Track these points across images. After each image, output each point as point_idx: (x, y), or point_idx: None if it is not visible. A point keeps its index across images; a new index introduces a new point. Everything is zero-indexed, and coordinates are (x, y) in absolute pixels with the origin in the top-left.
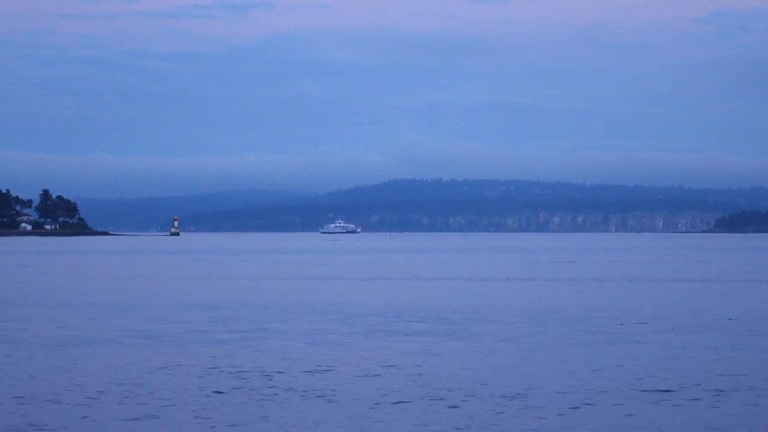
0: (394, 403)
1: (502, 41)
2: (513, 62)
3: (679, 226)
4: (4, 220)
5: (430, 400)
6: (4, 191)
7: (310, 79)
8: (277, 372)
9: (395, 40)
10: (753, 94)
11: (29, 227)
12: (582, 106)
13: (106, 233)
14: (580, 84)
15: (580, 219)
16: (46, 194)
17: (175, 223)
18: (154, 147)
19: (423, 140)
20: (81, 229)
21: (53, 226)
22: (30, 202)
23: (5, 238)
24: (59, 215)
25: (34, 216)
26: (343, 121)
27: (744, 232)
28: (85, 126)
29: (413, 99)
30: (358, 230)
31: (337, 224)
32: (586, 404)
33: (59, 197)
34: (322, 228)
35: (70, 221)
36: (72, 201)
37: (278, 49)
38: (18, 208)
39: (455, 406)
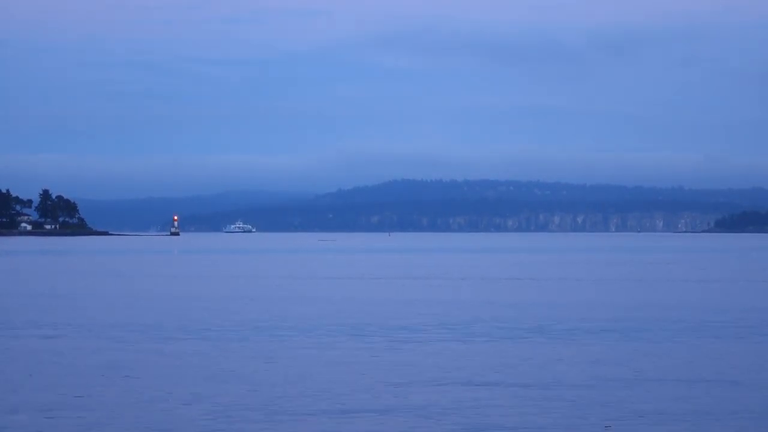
0: None
1: (521, 45)
2: (523, 65)
3: (679, 226)
4: (4, 220)
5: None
6: (4, 191)
7: (350, 84)
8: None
9: (439, 44)
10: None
11: (29, 227)
12: (583, 107)
13: (105, 233)
14: (586, 86)
15: (580, 219)
16: (46, 194)
17: (175, 223)
18: (156, 147)
19: (426, 141)
20: (81, 229)
21: (53, 226)
22: (30, 202)
23: (5, 237)
24: (59, 215)
25: (34, 216)
26: (357, 124)
27: (744, 232)
28: (108, 128)
29: (439, 102)
30: (253, 230)
31: (237, 225)
32: None
33: (59, 197)
34: (225, 228)
35: (70, 221)
36: (72, 201)
37: (328, 55)
38: (18, 208)
39: None
